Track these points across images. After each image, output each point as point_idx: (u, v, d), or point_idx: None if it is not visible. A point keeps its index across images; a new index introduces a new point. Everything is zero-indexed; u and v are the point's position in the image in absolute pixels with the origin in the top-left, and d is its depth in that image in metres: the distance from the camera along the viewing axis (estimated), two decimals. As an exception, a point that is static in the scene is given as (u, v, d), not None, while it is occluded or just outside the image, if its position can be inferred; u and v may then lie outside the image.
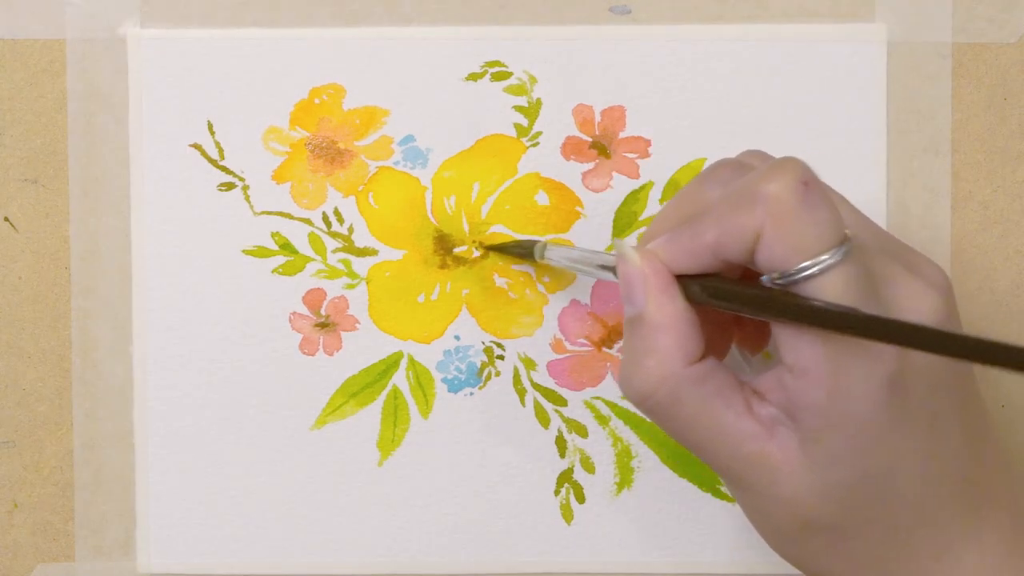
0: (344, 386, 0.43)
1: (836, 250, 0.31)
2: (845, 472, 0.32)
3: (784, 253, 0.31)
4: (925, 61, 0.43)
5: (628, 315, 0.34)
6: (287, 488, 0.43)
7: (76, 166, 0.43)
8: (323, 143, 0.43)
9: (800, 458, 0.32)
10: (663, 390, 0.33)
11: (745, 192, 0.32)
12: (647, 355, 0.33)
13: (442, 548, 0.43)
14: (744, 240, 0.32)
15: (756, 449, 0.33)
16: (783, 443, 0.33)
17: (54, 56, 0.43)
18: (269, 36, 0.43)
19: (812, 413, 0.32)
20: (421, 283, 0.43)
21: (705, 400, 0.33)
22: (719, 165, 0.35)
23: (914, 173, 0.43)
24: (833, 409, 0.31)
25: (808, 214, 0.31)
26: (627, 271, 0.34)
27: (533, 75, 0.43)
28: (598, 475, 0.43)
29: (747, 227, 0.31)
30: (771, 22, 0.43)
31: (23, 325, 0.43)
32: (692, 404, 0.33)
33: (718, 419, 0.33)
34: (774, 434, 0.33)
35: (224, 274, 0.43)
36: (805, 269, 0.31)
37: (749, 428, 0.33)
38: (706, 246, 0.33)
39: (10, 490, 0.43)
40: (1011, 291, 0.43)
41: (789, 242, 0.31)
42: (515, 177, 0.43)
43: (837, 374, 0.31)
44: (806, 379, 0.32)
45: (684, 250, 0.33)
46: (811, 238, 0.31)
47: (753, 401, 0.33)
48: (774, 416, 0.33)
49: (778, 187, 0.31)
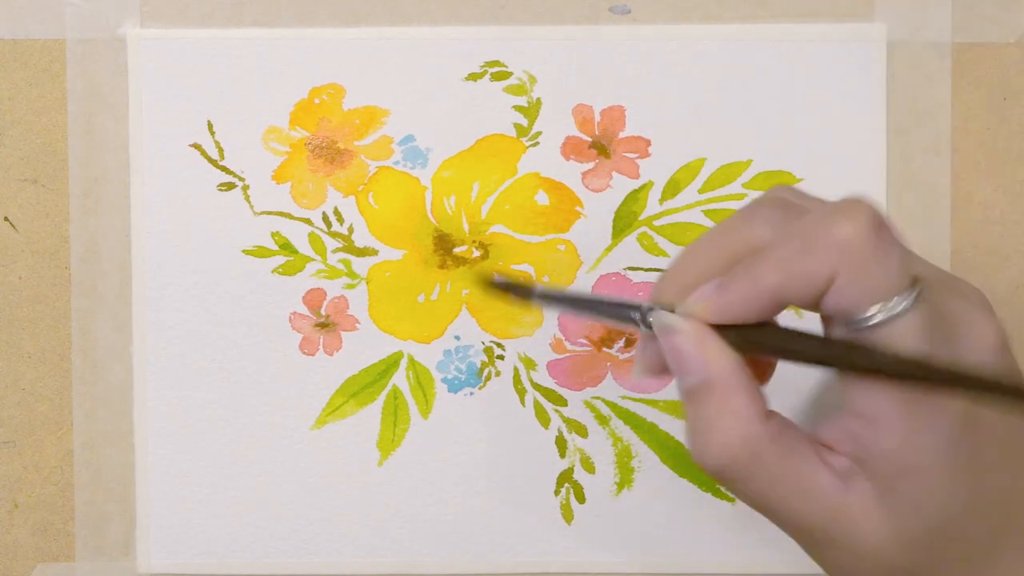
0: (344, 386, 0.43)
1: (907, 293, 0.30)
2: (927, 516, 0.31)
3: (857, 299, 0.30)
4: (925, 61, 0.43)
5: (689, 385, 0.33)
6: (287, 488, 0.43)
7: (76, 166, 0.43)
8: (323, 143, 0.43)
9: (878, 508, 0.32)
10: (745, 452, 0.32)
11: (814, 234, 0.30)
12: (722, 419, 0.32)
13: (442, 548, 0.43)
14: (814, 286, 0.30)
15: (836, 502, 0.32)
16: (860, 494, 0.32)
17: (54, 56, 0.43)
18: (269, 36, 0.43)
19: (886, 461, 0.31)
20: (421, 283, 0.43)
21: (783, 456, 0.32)
22: (762, 205, 0.33)
23: (914, 173, 0.43)
24: (908, 456, 0.31)
25: (883, 258, 0.30)
26: (678, 342, 0.32)
27: (533, 75, 0.43)
28: (598, 475, 0.43)
29: (818, 272, 0.30)
30: (771, 22, 0.43)
31: (23, 325, 0.43)
32: (772, 461, 0.32)
33: (797, 473, 0.32)
34: (850, 486, 0.32)
35: (224, 274, 0.43)
36: (877, 314, 0.30)
37: (827, 480, 0.32)
38: (765, 291, 0.31)
39: (10, 490, 0.43)
40: (1011, 291, 0.43)
41: (863, 287, 0.30)
42: (515, 177, 0.43)
43: (909, 419, 0.30)
44: (877, 427, 0.31)
45: (740, 298, 0.32)
46: (884, 283, 0.30)
47: (823, 453, 0.32)
48: (847, 467, 0.32)
49: (852, 231, 0.30)
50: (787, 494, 0.32)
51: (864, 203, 0.30)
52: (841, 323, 0.31)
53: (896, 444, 0.31)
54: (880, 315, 0.30)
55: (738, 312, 0.32)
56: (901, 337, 0.30)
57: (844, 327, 0.31)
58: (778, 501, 0.32)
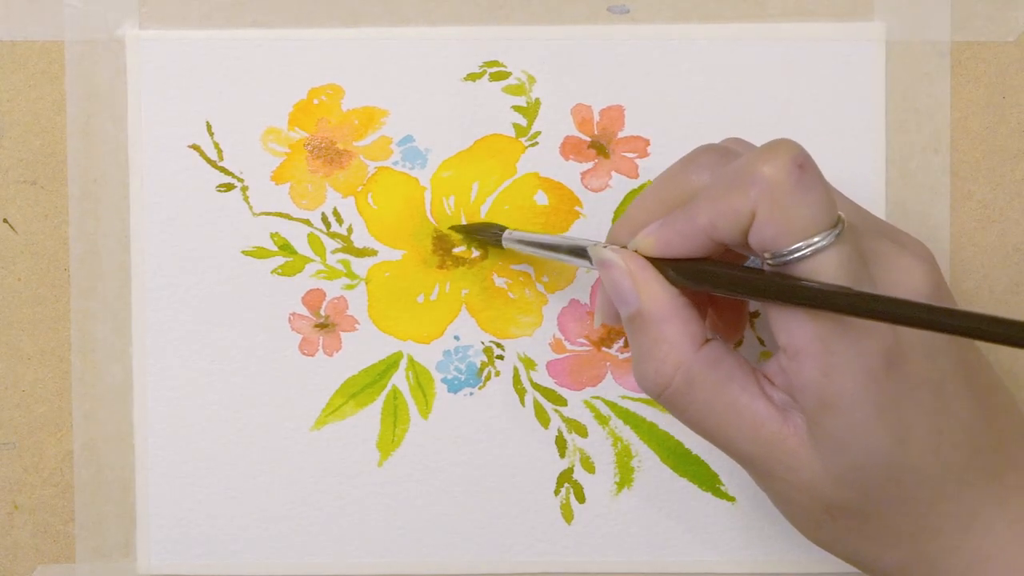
0: (344, 386, 0.43)
1: (829, 232, 0.31)
2: (852, 453, 0.32)
3: (777, 234, 0.31)
4: (924, 59, 0.43)
5: (626, 314, 0.35)
6: (287, 488, 0.43)
7: (75, 167, 0.43)
8: (322, 144, 0.43)
9: (810, 442, 0.32)
10: (679, 376, 0.33)
11: (739, 173, 0.32)
12: (656, 346, 0.34)
13: (442, 548, 0.43)
14: (738, 221, 0.32)
15: (773, 432, 0.33)
16: (796, 427, 0.33)
17: (53, 58, 0.43)
18: (267, 36, 0.43)
19: (810, 395, 0.32)
20: (420, 283, 0.43)
21: (720, 383, 0.33)
22: (702, 151, 0.35)
23: (913, 172, 0.43)
24: (829, 388, 0.31)
25: (803, 196, 0.31)
26: (613, 274, 0.34)
27: (532, 75, 0.43)
28: (598, 475, 0.43)
29: (742, 208, 0.31)
30: (769, 21, 0.43)
31: (23, 326, 0.43)
32: (708, 387, 0.33)
33: (734, 401, 0.33)
34: (787, 418, 0.33)
35: (224, 275, 0.43)
36: (798, 250, 0.31)
37: (764, 410, 0.33)
38: (700, 228, 0.33)
39: (10, 491, 0.43)
40: (1010, 289, 0.43)
41: (783, 223, 0.31)
42: (514, 177, 0.43)
43: (830, 352, 0.31)
44: (800, 359, 0.32)
45: (678, 233, 0.33)
46: (805, 219, 0.31)
47: (765, 384, 0.33)
48: (785, 400, 0.33)
49: (773, 168, 0.31)
50: (725, 422, 0.33)
51: (788, 143, 0.32)
52: (768, 260, 0.32)
53: (817, 376, 0.31)
54: (802, 250, 0.31)
55: (676, 247, 0.33)
56: (822, 272, 0.31)
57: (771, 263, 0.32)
58: (716, 428, 0.34)
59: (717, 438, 0.34)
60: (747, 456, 0.34)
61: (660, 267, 0.34)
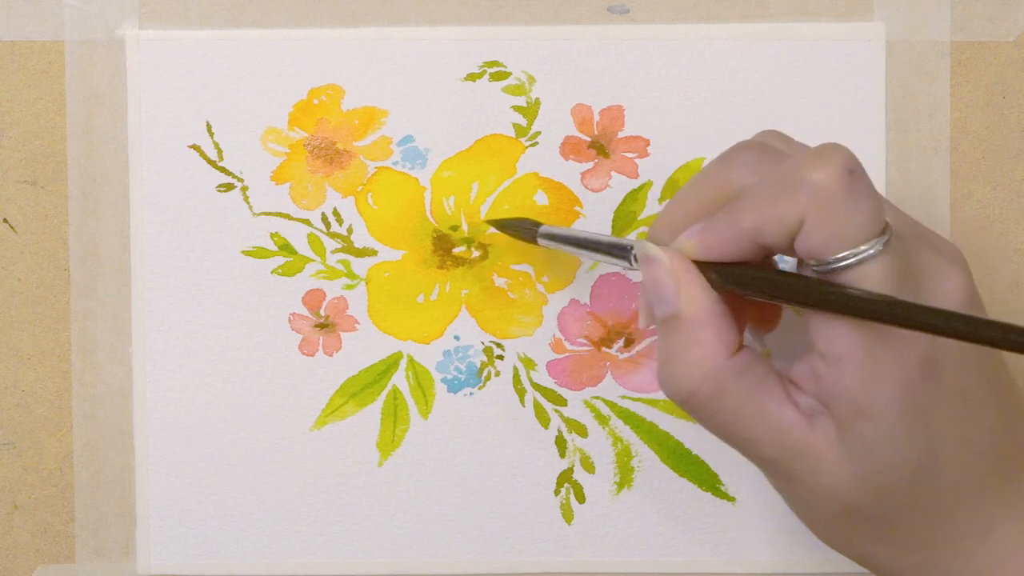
0: (344, 386, 0.43)
1: (877, 240, 0.31)
2: (882, 460, 0.32)
3: (826, 242, 0.31)
4: (924, 60, 0.43)
5: (662, 314, 0.34)
6: (287, 488, 0.43)
7: (75, 167, 0.43)
8: (322, 144, 0.43)
9: (838, 448, 0.32)
10: (708, 384, 0.33)
11: (788, 178, 0.31)
12: (688, 351, 0.33)
13: (442, 548, 0.43)
14: (786, 228, 0.31)
15: (799, 438, 0.33)
16: (823, 432, 0.33)
17: (52, 58, 0.43)
18: (267, 37, 0.43)
19: (846, 401, 0.32)
20: (420, 283, 0.43)
21: (749, 391, 0.33)
22: (740, 148, 0.35)
23: (913, 172, 0.43)
24: (867, 396, 0.31)
25: (853, 204, 0.31)
26: (656, 271, 0.34)
27: (532, 75, 0.43)
28: (598, 475, 0.43)
29: (790, 215, 0.31)
30: (769, 21, 0.43)
31: (23, 326, 0.43)
32: (736, 396, 0.33)
33: (762, 409, 0.33)
34: (814, 424, 0.33)
35: (224, 274, 0.43)
36: (845, 259, 0.31)
37: (791, 417, 0.33)
38: (745, 233, 0.32)
39: (10, 492, 0.43)
40: (1010, 289, 0.43)
41: (833, 231, 0.31)
42: (514, 177, 0.43)
43: (871, 361, 0.31)
44: (840, 367, 0.31)
45: (721, 237, 0.33)
46: (854, 227, 0.31)
47: (791, 390, 0.33)
48: (812, 406, 0.33)
49: (824, 175, 0.31)
50: (751, 428, 0.33)
51: (840, 149, 0.31)
52: (814, 266, 0.32)
53: (857, 384, 0.31)
54: (849, 259, 0.31)
55: (719, 251, 0.33)
56: (868, 281, 0.31)
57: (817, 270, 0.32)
58: (742, 434, 0.33)
59: (739, 443, 0.34)
60: (769, 460, 0.34)
61: (703, 270, 0.34)
